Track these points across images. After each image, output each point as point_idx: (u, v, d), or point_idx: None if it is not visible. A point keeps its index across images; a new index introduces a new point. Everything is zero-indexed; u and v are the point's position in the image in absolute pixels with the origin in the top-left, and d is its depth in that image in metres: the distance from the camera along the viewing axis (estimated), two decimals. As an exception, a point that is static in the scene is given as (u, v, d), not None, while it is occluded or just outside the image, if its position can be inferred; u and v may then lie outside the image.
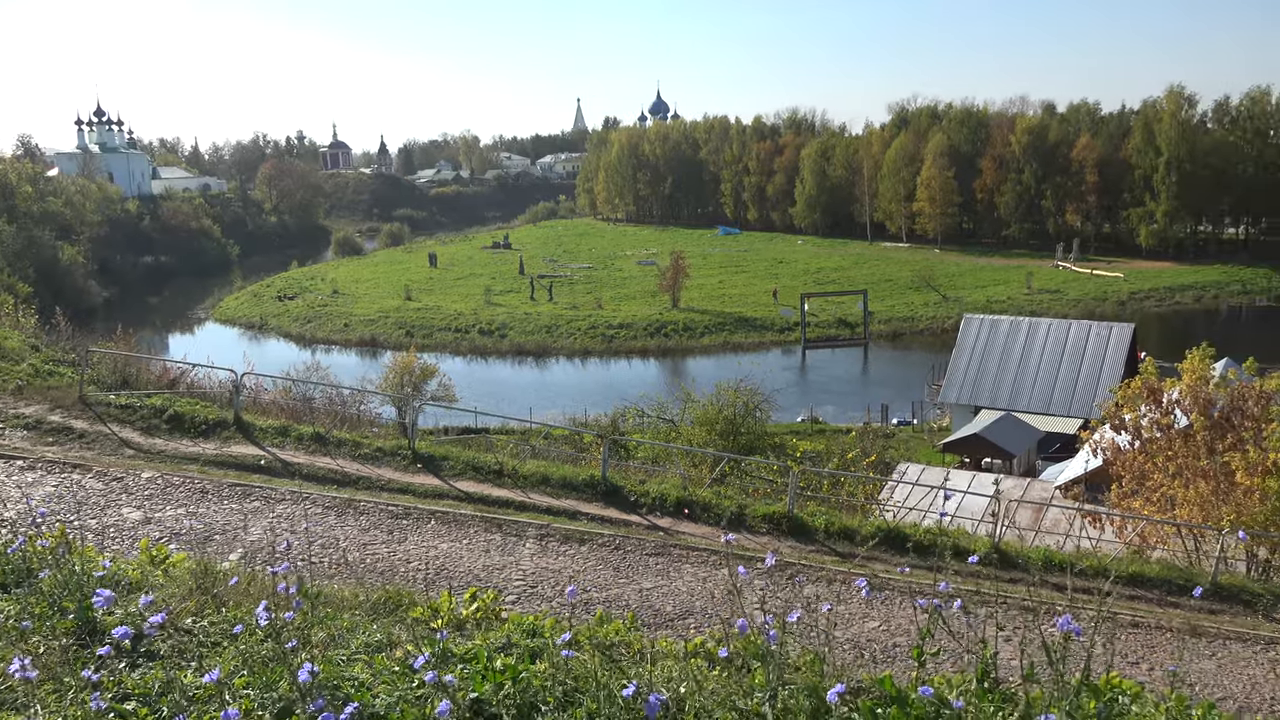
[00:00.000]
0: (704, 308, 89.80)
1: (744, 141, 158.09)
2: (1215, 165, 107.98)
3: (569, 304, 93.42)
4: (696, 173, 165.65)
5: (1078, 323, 46.94)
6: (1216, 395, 18.28)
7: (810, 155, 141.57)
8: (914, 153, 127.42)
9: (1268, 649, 13.38)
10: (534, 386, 69.89)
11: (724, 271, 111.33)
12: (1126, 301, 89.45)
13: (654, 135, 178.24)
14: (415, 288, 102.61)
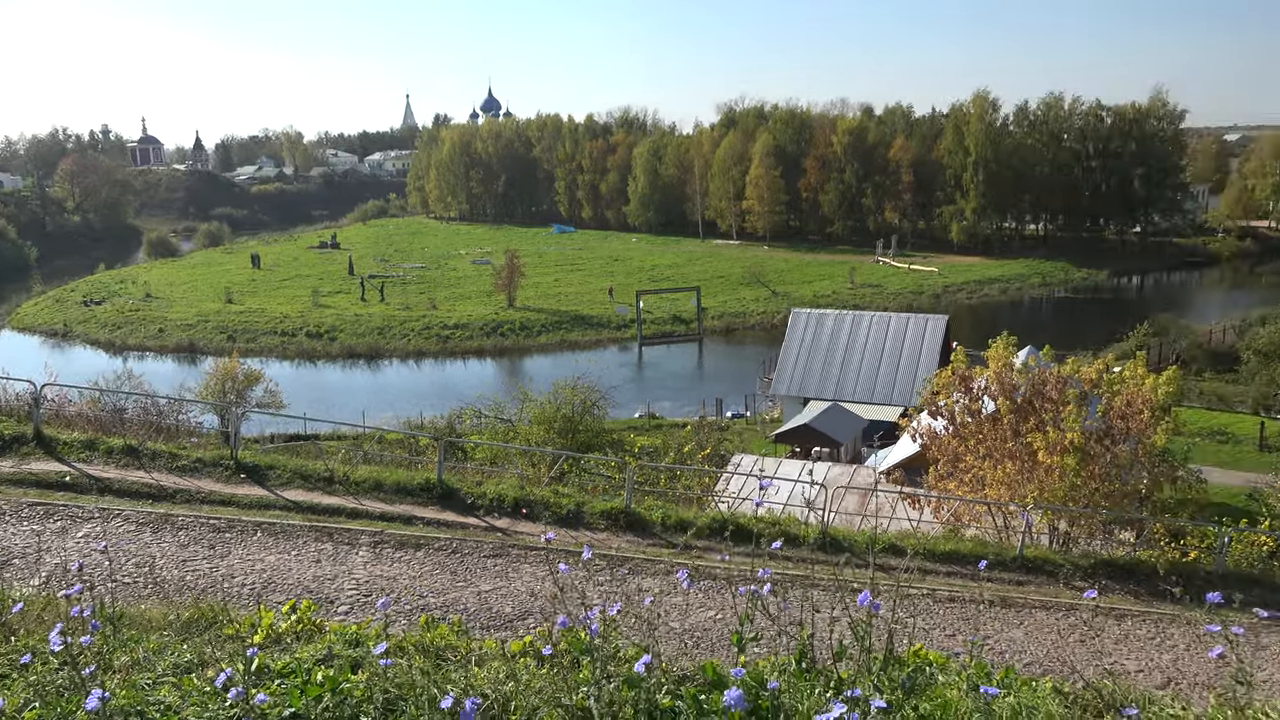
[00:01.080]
0: (540, 306, 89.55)
1: (577, 140, 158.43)
2: (1017, 166, 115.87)
3: (402, 304, 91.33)
4: (530, 171, 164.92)
5: (897, 315, 49.24)
6: (1019, 381, 19.57)
7: (642, 154, 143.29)
8: (742, 152, 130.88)
9: (1068, 615, 14.42)
10: (367, 390, 67.96)
11: (560, 270, 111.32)
12: (941, 294, 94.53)
13: (486, 133, 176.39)
14: (237, 290, 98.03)
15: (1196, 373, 55.01)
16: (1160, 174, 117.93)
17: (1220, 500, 32.26)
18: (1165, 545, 18.82)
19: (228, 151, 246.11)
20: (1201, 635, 14.17)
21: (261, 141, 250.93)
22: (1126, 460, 18.69)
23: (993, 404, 19.53)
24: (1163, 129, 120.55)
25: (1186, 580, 16.00)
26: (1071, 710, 3.52)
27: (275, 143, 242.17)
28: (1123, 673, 12.29)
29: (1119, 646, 13.37)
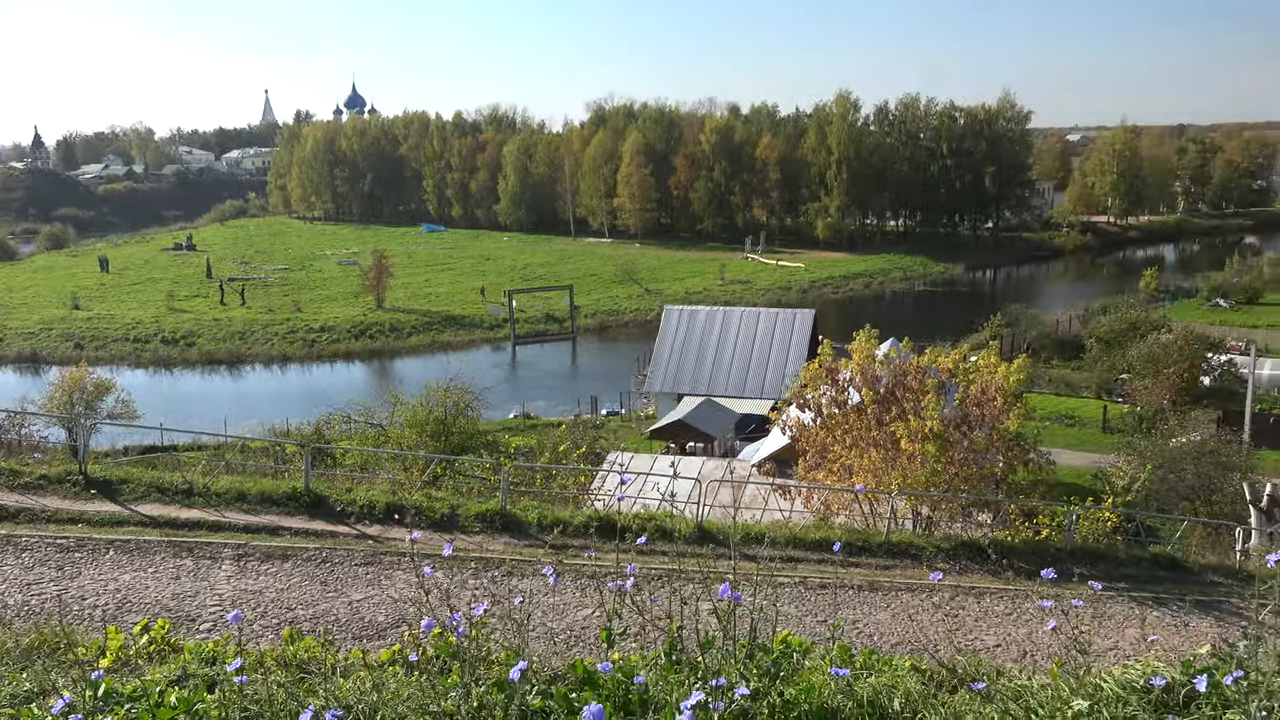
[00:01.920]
0: (410, 307, 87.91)
1: (445, 138, 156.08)
2: (877, 164, 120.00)
3: (264, 308, 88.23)
4: (397, 169, 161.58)
5: (766, 310, 50.30)
6: (882, 372, 20.26)
7: (512, 152, 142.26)
8: (612, 151, 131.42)
9: (931, 595, 15.01)
10: (228, 397, 65.37)
11: (430, 270, 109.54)
12: (808, 289, 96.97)
13: (351, 130, 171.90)
14: (84, 295, 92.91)
15: (1045, 360, 57.99)
16: (1009, 172, 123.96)
17: (1069, 480, 34.14)
18: (1020, 525, 19.78)
19: (71, 149, 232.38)
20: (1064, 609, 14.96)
21: (109, 138, 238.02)
22: (982, 445, 19.56)
23: (857, 395, 20.15)
24: (1011, 129, 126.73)
25: (1040, 557, 16.87)
26: (928, 686, 3.67)
27: (124, 140, 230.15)
28: (982, 648, 12.88)
29: (979, 623, 13.99)
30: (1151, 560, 17.24)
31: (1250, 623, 3.59)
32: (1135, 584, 16.23)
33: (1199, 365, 47.82)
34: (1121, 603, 15.38)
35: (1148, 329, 55.62)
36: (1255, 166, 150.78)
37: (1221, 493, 30.92)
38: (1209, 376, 48.09)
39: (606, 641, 3.55)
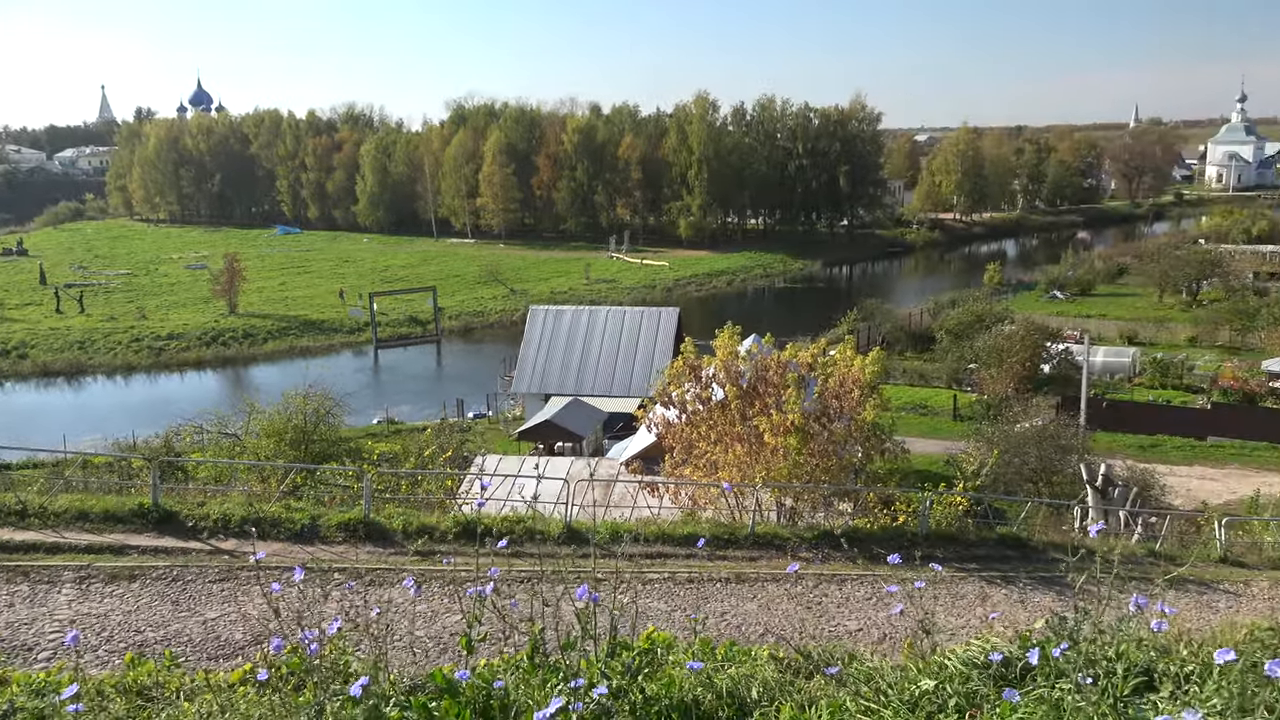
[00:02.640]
0: (266, 312, 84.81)
1: (298, 137, 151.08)
2: (736, 164, 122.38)
3: (105, 315, 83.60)
4: (248, 169, 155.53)
5: (631, 309, 50.64)
6: (744, 368, 20.67)
7: (370, 152, 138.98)
8: (474, 150, 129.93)
9: (796, 585, 15.41)
10: (67, 411, 61.70)
11: (286, 273, 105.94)
12: (672, 288, 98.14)
13: (197, 128, 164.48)
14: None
15: (899, 353, 60.29)
16: (862, 171, 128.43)
17: (923, 467, 35.60)
18: (878, 512, 20.47)
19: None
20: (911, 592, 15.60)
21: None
22: (842, 436, 20.19)
23: (721, 391, 20.50)
24: (863, 130, 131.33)
25: (897, 542, 17.52)
26: (785, 674, 3.76)
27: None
28: (844, 633, 13.29)
29: (841, 609, 14.43)
30: (999, 541, 18.13)
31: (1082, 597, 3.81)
32: (985, 564, 17.03)
33: (1039, 354, 50.58)
34: (972, 582, 16.12)
35: (992, 321, 58.51)
36: (1085, 166, 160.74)
37: (1061, 474, 32.80)
38: (1048, 365, 50.91)
39: (466, 648, 3.50)
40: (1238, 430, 42.14)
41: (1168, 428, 43.17)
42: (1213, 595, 16.46)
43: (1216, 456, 40.47)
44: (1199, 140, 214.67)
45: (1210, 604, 15.74)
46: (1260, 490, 33.95)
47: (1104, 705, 2.77)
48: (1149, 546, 20.67)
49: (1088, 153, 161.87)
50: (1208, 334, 60.17)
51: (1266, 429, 41.82)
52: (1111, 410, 44.07)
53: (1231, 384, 47.44)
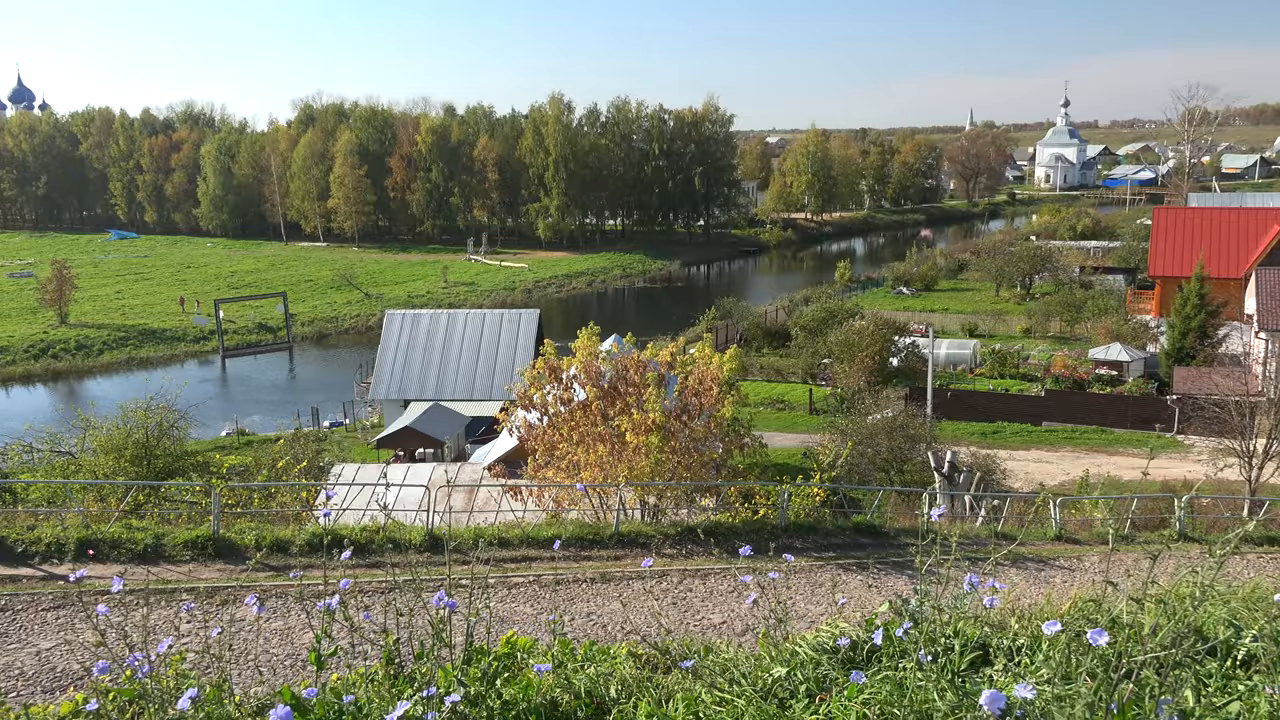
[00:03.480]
0: (101, 322, 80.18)
1: (133, 137, 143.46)
2: (594, 165, 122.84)
3: (-81, 329, 77.51)
4: (78, 170, 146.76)
5: (491, 312, 50.18)
6: (605, 368, 20.76)
7: (211, 152, 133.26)
8: (324, 151, 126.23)
9: (661, 581, 15.57)
10: (-123, 433, 56.78)
11: (122, 280, 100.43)
12: (532, 289, 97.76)
13: (18, 127, 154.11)
14: None
15: (756, 349, 61.70)
16: (717, 172, 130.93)
17: (781, 461, 36.54)
18: (740, 506, 20.90)
19: None
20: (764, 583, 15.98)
21: None
22: (702, 433, 20.50)
23: (582, 392, 20.52)
24: (717, 131, 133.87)
25: (758, 535, 17.93)
26: (643, 670, 3.80)
27: None
28: (709, 625, 13.51)
29: (705, 603, 14.66)
30: (854, 529, 18.79)
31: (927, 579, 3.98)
32: (841, 552, 17.62)
33: (888, 348, 52.62)
34: (830, 570, 16.65)
35: (844, 317, 60.51)
36: (926, 167, 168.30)
37: (911, 462, 34.22)
38: (896, 358, 53.01)
39: (316, 664, 3.40)
40: (1069, 415, 44.87)
41: (1007, 415, 45.60)
42: (1049, 571, 17.48)
43: (1051, 440, 42.98)
44: (1028, 143, 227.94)
45: (1047, 579, 16.71)
46: (1090, 471, 36.22)
47: (943, 681, 2.91)
48: (992, 528, 21.79)
49: (928, 154, 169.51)
50: (1040, 325, 63.84)
51: (1094, 413, 44.68)
52: (955, 400, 46.24)
53: (1063, 372, 50.49)
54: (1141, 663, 2.52)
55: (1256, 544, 21.80)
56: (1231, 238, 60.40)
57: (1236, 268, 56.53)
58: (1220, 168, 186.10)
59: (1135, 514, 24.84)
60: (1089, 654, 2.59)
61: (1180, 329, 47.82)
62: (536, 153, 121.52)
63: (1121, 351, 50.35)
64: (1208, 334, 47.55)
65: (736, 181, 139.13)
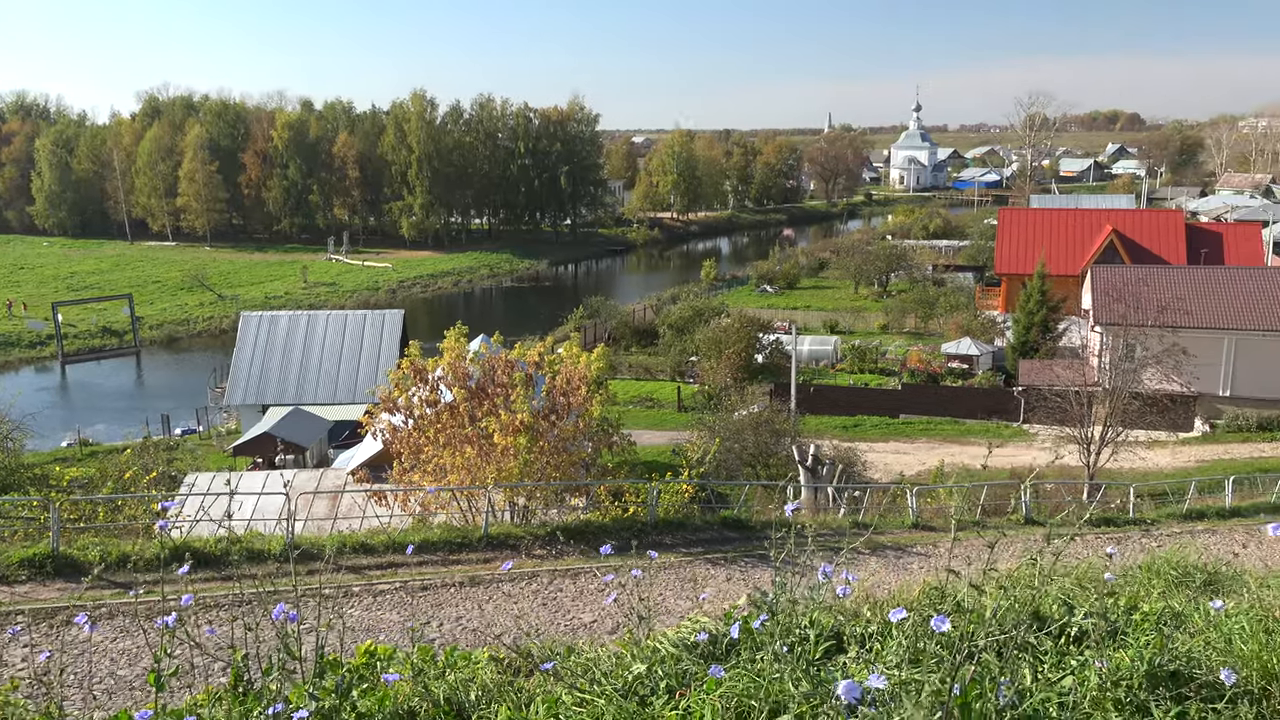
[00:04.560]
0: (-78, 328, 74.62)
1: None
2: (458, 163, 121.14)
3: None
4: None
5: (354, 313, 48.90)
6: (472, 369, 20.50)
7: (47, 145, 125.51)
8: (171, 145, 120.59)
9: (531, 582, 15.48)
10: None
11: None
12: (397, 289, 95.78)
13: None
14: None
15: (625, 348, 62.05)
16: (583, 171, 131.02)
17: (651, 458, 36.86)
18: (610, 505, 20.96)
19: None
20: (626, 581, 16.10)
21: None
22: (570, 433, 20.48)
23: (449, 393, 20.22)
24: (583, 130, 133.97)
25: (629, 533, 18.02)
26: (505, 674, 3.76)
27: None
28: (580, 625, 13.51)
29: (576, 603, 14.65)
30: (722, 523, 19.10)
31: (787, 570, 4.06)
32: (710, 546, 17.89)
33: (753, 345, 53.75)
34: (699, 565, 16.88)
35: (710, 315, 61.51)
36: (787, 168, 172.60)
37: (776, 456, 35.04)
38: (761, 354, 54.20)
39: (155, 685, 3.23)
40: (924, 407, 46.78)
41: (866, 408, 47.20)
42: (907, 558, 18.17)
43: (908, 432, 44.71)
44: (883, 145, 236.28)
45: (905, 566, 17.35)
46: (944, 461, 37.85)
47: (798, 671, 2.97)
48: (853, 518, 22.52)
49: (789, 156, 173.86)
50: (896, 321, 66.34)
51: (947, 405, 46.70)
52: (818, 394, 47.56)
53: (918, 366, 52.59)
54: (982, 645, 2.64)
55: (1094, 525, 23.20)
56: (1069, 237, 64.12)
57: (1074, 265, 60.01)
58: (1059, 171, 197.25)
59: (986, 501, 26.06)
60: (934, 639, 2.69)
61: (1024, 324, 50.45)
62: (399, 150, 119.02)
63: (971, 346, 52.79)
64: (1049, 328, 50.31)
65: (603, 181, 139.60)
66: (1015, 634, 2.82)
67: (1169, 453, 39.30)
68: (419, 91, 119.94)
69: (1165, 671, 3.42)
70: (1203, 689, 3.37)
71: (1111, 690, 3.22)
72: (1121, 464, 33.65)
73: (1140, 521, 24.01)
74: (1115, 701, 3.19)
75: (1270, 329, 43.43)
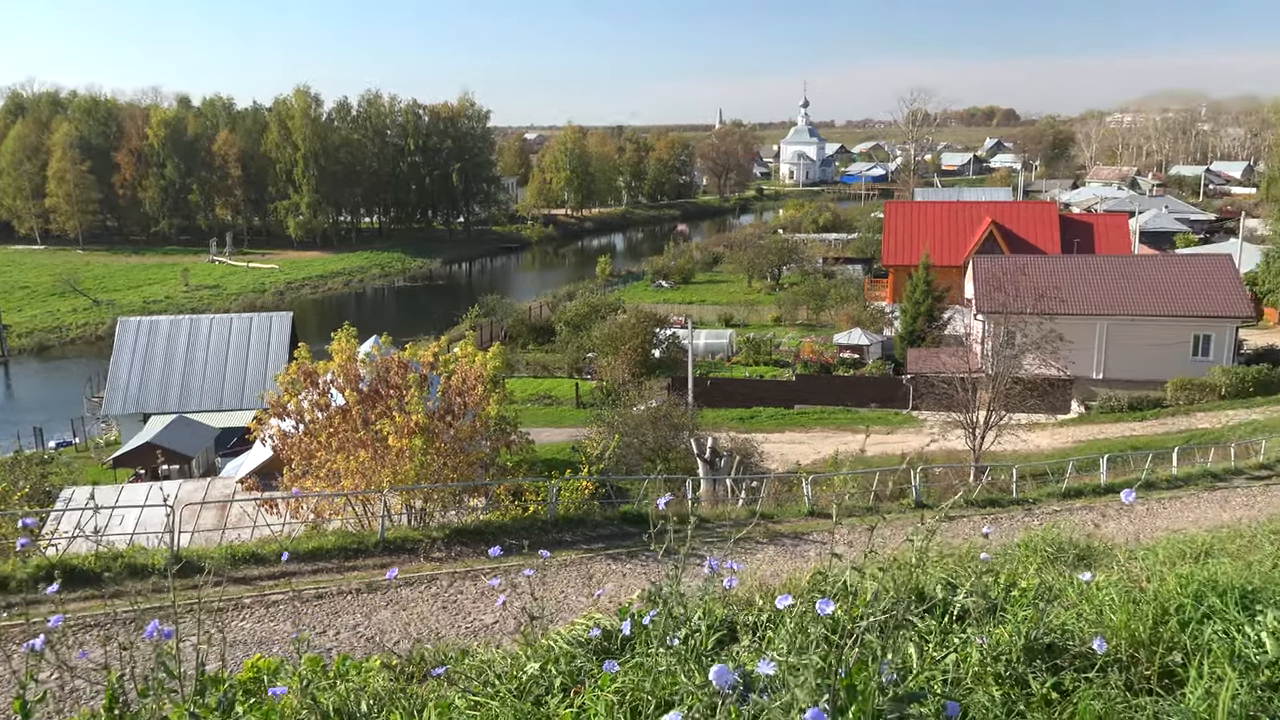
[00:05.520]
0: None
1: None
2: (346, 160, 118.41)
3: None
4: None
5: (240, 316, 47.44)
6: (364, 371, 20.08)
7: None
8: (38, 144, 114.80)
9: (430, 586, 15.28)
10: None
11: None
12: (285, 291, 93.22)
13: None
14: None
15: (522, 346, 61.68)
16: (475, 168, 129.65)
17: (550, 456, 36.70)
18: (510, 504, 20.81)
19: None
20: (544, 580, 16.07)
21: None
22: (468, 432, 20.25)
23: (341, 397, 19.78)
24: (474, 127, 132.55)
25: (529, 532, 17.92)
26: (398, 681, 3.70)
27: None
28: (480, 627, 13.38)
29: (477, 605, 14.52)
30: (622, 519, 19.17)
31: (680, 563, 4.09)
32: (610, 542, 17.93)
33: (650, 340, 54.06)
34: (600, 561, 16.90)
35: (607, 311, 61.64)
36: (680, 164, 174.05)
37: (675, 450, 35.32)
38: (658, 349, 54.55)
39: (21, 713, 3.06)
40: (818, 397, 47.77)
41: (762, 400, 47.96)
42: (804, 545, 18.54)
43: (803, 422, 45.59)
44: (773, 141, 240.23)
45: (801, 553, 17.71)
46: (839, 449, 38.72)
47: (690, 662, 3.00)
48: (751, 508, 22.86)
49: (681, 151, 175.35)
50: (789, 314, 67.56)
51: (840, 394, 47.80)
52: (715, 387, 48.12)
53: (811, 357, 53.68)
54: (865, 627, 2.71)
55: (980, 506, 24.07)
56: (952, 229, 66.30)
57: (957, 256, 62.08)
58: (941, 165, 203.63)
59: (878, 486, 26.77)
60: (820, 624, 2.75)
61: (911, 314, 51.98)
62: (283, 148, 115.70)
63: (862, 336, 54.15)
64: (934, 318, 51.95)
65: (496, 178, 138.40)
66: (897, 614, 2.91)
67: (1048, 434, 41.01)
68: (302, 87, 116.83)
69: (1041, 644, 3.57)
70: (1076, 659, 3.53)
71: (992, 665, 3.36)
72: (1005, 446, 34.96)
73: (1023, 501, 25.00)
74: (995, 675, 3.32)
75: (1139, 314, 45.72)
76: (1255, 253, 64.97)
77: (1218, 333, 45.37)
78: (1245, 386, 43.25)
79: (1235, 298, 46.03)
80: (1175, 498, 26.62)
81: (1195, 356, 45.16)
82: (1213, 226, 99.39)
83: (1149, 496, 26.48)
